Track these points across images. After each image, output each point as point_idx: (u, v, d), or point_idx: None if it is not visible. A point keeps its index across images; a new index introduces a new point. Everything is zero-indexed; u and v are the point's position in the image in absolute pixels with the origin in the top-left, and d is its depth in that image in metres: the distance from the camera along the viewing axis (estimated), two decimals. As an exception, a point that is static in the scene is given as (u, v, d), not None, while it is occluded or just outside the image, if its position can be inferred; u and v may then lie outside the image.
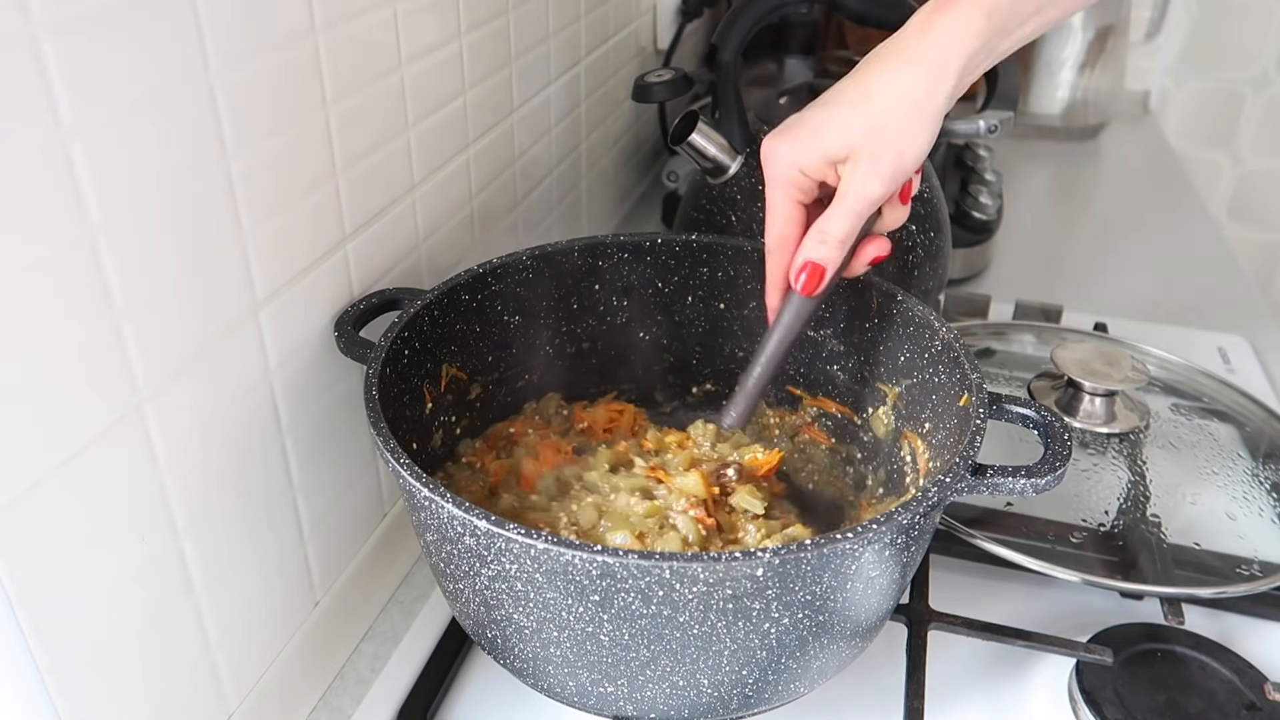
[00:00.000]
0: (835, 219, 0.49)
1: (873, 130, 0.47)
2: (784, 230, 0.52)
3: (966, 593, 0.61)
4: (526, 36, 0.73)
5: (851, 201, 0.48)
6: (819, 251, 0.50)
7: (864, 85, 0.48)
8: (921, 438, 0.54)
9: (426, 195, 0.60)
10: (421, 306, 0.53)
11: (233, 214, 0.43)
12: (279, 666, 0.51)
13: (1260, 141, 1.72)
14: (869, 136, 0.47)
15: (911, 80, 0.47)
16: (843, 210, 0.49)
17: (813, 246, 0.50)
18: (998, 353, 0.81)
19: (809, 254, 0.50)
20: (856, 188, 0.48)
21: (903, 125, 0.47)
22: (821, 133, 0.49)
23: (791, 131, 0.50)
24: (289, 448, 0.50)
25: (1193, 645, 0.55)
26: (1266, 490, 0.64)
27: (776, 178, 0.51)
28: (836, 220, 0.49)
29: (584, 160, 0.93)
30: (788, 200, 0.51)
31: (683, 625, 0.40)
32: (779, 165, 0.51)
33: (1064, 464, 0.45)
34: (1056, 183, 1.36)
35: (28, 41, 0.31)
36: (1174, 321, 0.94)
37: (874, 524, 0.39)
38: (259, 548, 0.48)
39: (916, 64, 0.47)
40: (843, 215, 0.49)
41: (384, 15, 0.52)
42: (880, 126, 0.47)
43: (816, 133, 0.49)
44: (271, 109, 0.44)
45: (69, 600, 0.36)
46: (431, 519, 0.42)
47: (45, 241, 0.33)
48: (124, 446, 0.38)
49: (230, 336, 0.44)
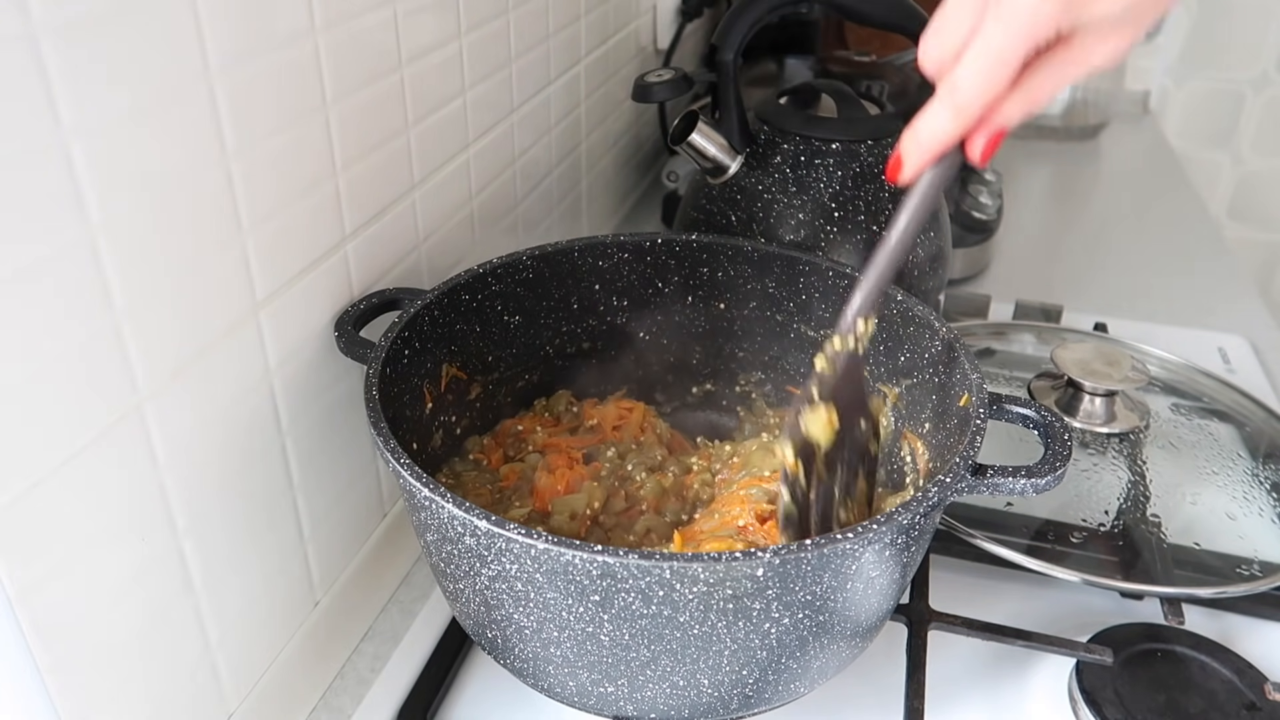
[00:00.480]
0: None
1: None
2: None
3: (966, 593, 0.61)
4: (526, 36, 0.73)
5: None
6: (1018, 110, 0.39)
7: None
8: (921, 438, 0.54)
9: (426, 195, 0.60)
10: (421, 306, 0.53)
11: (233, 214, 0.43)
12: (279, 666, 0.51)
13: (1260, 141, 1.72)
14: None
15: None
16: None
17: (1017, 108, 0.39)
18: (998, 353, 0.81)
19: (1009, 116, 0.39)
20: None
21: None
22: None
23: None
24: (289, 448, 0.50)
25: (1193, 645, 0.55)
26: (1266, 490, 0.64)
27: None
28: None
29: (584, 160, 0.93)
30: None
31: (683, 625, 0.40)
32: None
33: (1064, 464, 0.45)
34: (1056, 183, 1.36)
35: (28, 41, 0.31)
36: (1174, 321, 0.94)
37: (874, 524, 0.39)
38: (259, 548, 0.48)
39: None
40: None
41: (384, 15, 0.52)
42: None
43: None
44: (271, 109, 0.44)
45: (69, 600, 0.36)
46: (431, 519, 0.42)
47: (45, 241, 0.33)
48: (124, 446, 0.38)
49: (230, 336, 0.44)
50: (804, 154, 0.70)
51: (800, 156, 0.70)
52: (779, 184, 0.70)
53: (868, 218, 0.69)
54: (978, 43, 0.37)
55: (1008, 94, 0.38)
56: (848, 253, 0.69)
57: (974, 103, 0.38)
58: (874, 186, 0.69)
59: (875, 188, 0.69)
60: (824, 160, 0.69)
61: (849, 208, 0.69)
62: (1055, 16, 0.36)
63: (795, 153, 0.70)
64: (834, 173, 0.69)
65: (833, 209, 0.69)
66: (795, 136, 0.70)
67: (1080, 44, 0.37)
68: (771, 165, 0.70)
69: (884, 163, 0.70)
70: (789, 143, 0.70)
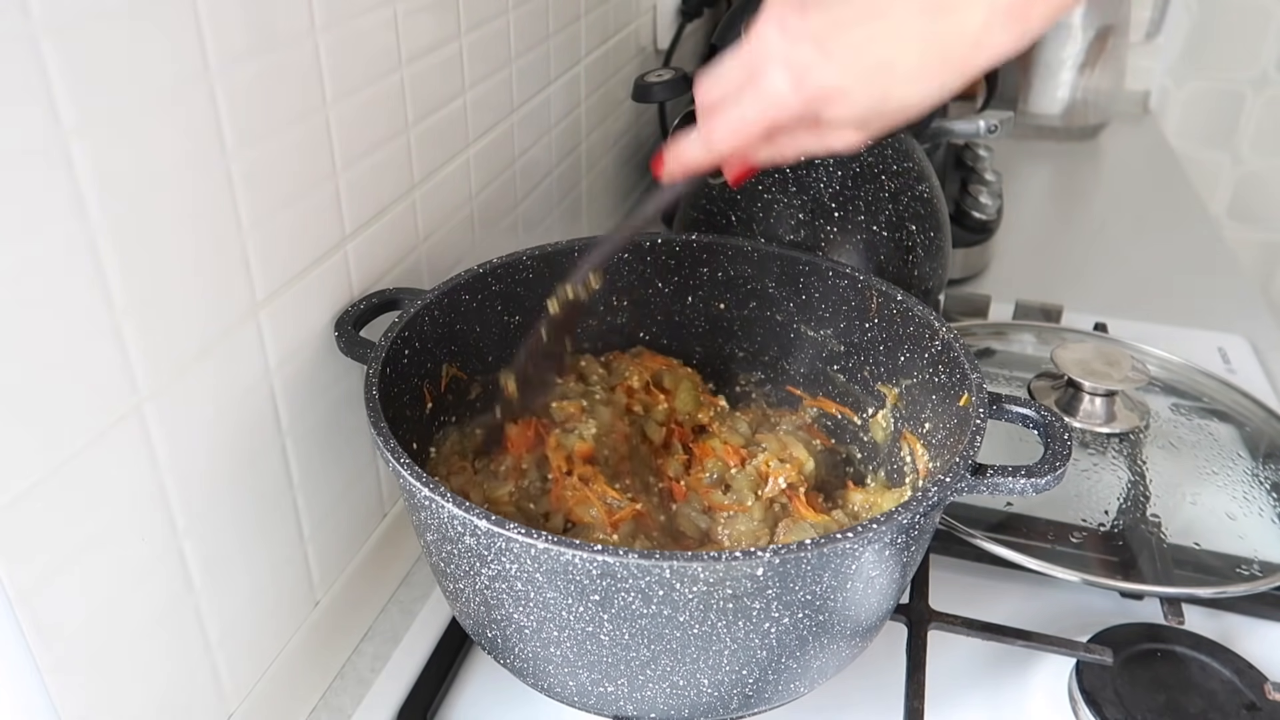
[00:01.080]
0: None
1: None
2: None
3: (966, 593, 0.61)
4: (526, 36, 0.73)
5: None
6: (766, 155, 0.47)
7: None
8: (921, 439, 0.54)
9: (426, 195, 0.60)
10: (421, 306, 0.53)
11: (233, 214, 0.43)
12: (279, 666, 0.51)
13: (1260, 141, 1.72)
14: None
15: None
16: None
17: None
18: (998, 353, 0.81)
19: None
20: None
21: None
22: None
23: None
24: (289, 448, 0.50)
25: (1193, 645, 0.55)
26: (1266, 490, 0.64)
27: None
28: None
29: (584, 160, 0.93)
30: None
31: (683, 625, 0.40)
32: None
33: (1064, 464, 0.45)
34: (1056, 183, 1.36)
35: (28, 41, 0.31)
36: (1174, 321, 0.94)
37: (874, 524, 0.39)
38: (259, 548, 0.48)
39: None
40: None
41: (384, 15, 0.52)
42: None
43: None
44: (271, 109, 0.44)
45: (69, 600, 0.36)
46: (431, 519, 0.42)
47: (45, 241, 0.33)
48: (124, 446, 0.38)
49: (230, 336, 0.44)
50: (804, 154, 0.70)
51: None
52: (779, 184, 0.70)
53: (868, 218, 0.69)
54: (733, 108, 0.44)
55: (756, 145, 0.45)
56: (848, 253, 0.69)
57: (722, 147, 0.46)
58: (874, 186, 0.69)
59: (875, 188, 0.69)
60: (824, 160, 0.69)
61: (849, 208, 0.69)
62: (796, 109, 0.42)
63: (795, 153, 0.70)
64: (834, 173, 0.69)
65: (833, 209, 0.69)
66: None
67: (822, 129, 0.44)
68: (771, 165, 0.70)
69: (884, 163, 0.70)
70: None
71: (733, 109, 0.44)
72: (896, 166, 0.71)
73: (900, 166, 0.71)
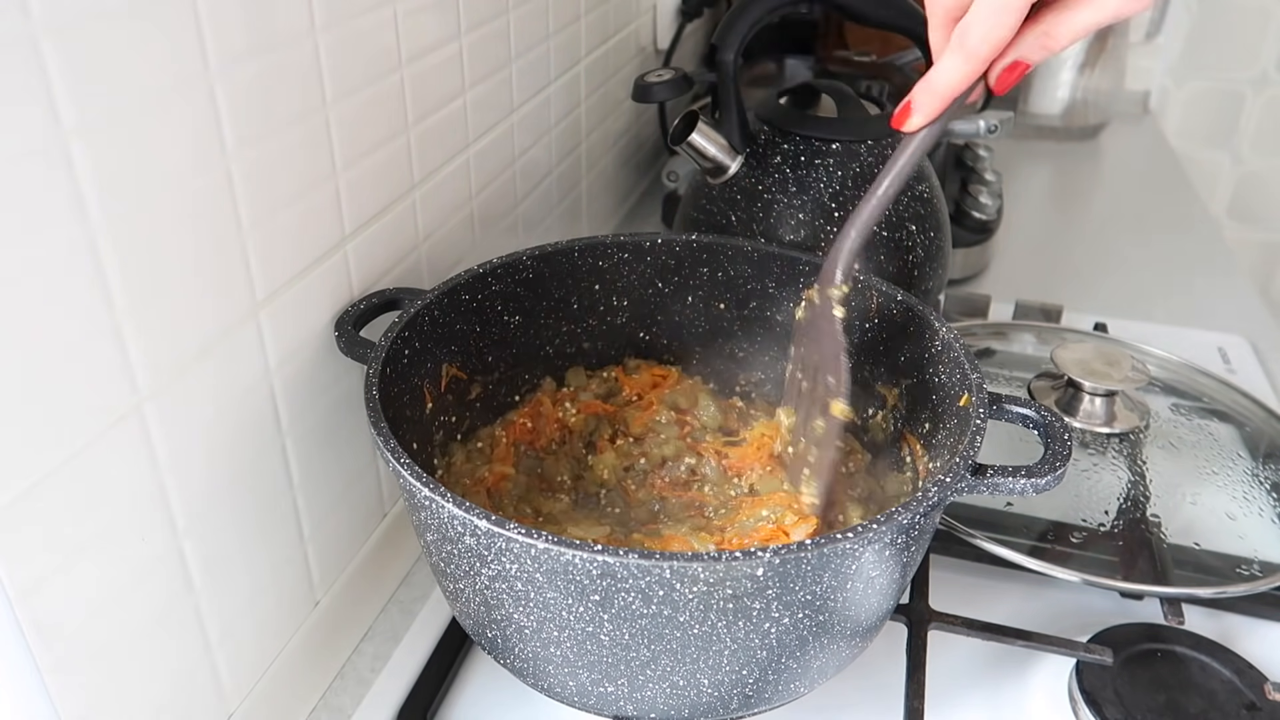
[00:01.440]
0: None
1: None
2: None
3: (966, 593, 0.61)
4: (526, 36, 0.73)
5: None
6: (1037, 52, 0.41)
7: None
8: (921, 439, 0.54)
9: (426, 195, 0.60)
10: (421, 306, 0.53)
11: (233, 214, 0.43)
12: (279, 666, 0.51)
13: (1260, 141, 1.72)
14: None
15: None
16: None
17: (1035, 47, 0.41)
18: (998, 353, 0.81)
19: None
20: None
21: None
22: None
23: None
24: (289, 448, 0.50)
25: (1193, 645, 0.55)
26: (1266, 490, 0.64)
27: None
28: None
29: (584, 160, 0.93)
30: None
31: (683, 625, 0.40)
32: None
33: (1064, 464, 0.45)
34: (1056, 183, 1.36)
35: (28, 41, 0.31)
36: (1174, 321, 0.94)
37: (874, 524, 0.39)
38: (259, 548, 0.48)
39: None
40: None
41: (384, 15, 0.52)
42: None
43: None
44: (271, 109, 0.44)
45: (69, 600, 0.36)
46: (431, 519, 0.42)
47: (45, 242, 0.33)
48: (124, 446, 0.38)
49: (230, 336, 0.44)
50: (804, 154, 0.70)
51: (800, 156, 0.70)
52: (779, 184, 0.70)
53: (868, 218, 0.69)
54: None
55: (1023, 33, 0.39)
56: (848, 253, 0.69)
57: (984, 47, 0.39)
58: (874, 186, 0.69)
59: (875, 188, 0.69)
60: (824, 160, 0.69)
61: (849, 208, 0.69)
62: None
63: (795, 153, 0.70)
64: (834, 173, 0.69)
65: (833, 209, 0.69)
66: (795, 136, 0.70)
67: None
68: (771, 165, 0.70)
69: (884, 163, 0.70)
70: (789, 143, 0.70)
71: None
72: (896, 166, 0.70)
73: (900, 166, 0.71)
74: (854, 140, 0.69)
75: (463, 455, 0.57)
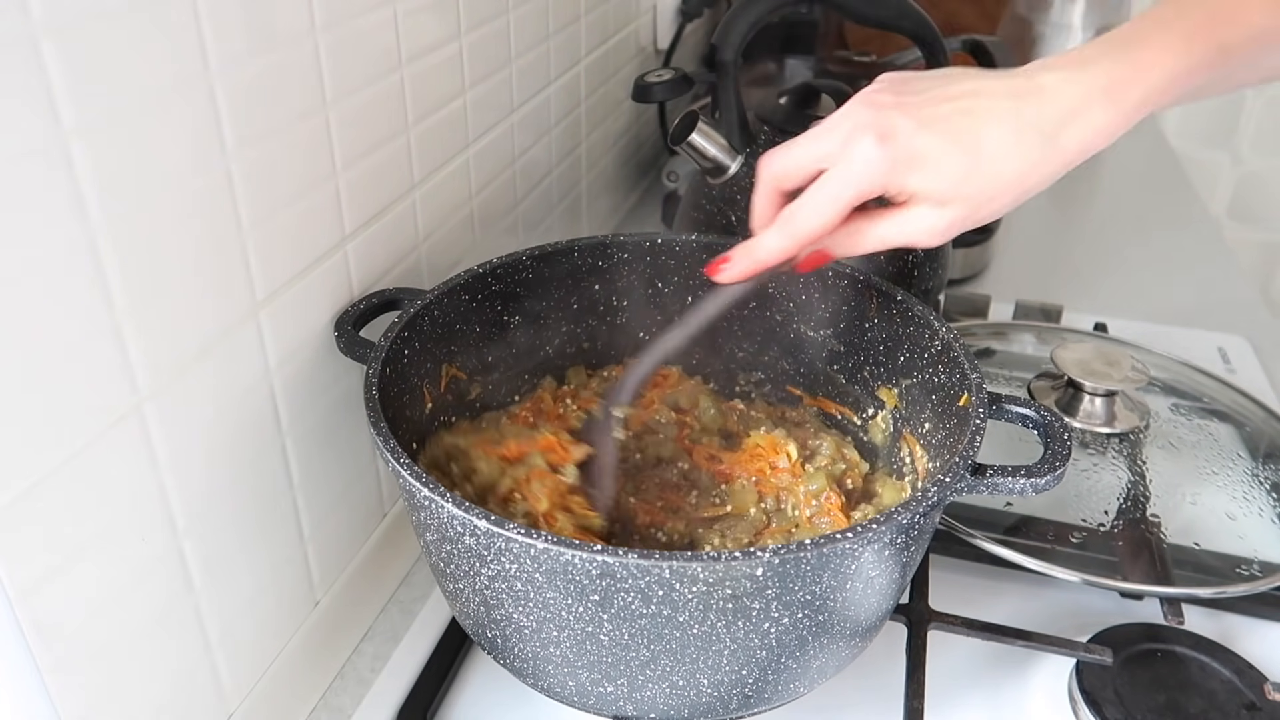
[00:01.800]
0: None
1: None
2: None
3: (966, 593, 0.61)
4: (526, 36, 0.73)
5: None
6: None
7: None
8: (920, 439, 0.54)
9: (426, 195, 0.60)
10: (421, 306, 0.53)
11: (233, 214, 0.43)
12: (279, 666, 0.51)
13: (1260, 141, 1.72)
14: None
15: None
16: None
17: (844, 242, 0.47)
18: (998, 353, 0.81)
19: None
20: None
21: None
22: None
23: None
24: (289, 448, 0.50)
25: (1193, 645, 0.55)
26: (1266, 490, 0.64)
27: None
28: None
29: (584, 160, 0.93)
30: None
31: (683, 625, 0.40)
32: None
33: (1064, 464, 0.45)
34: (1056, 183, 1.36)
35: (28, 41, 0.31)
36: (1174, 321, 0.94)
37: (874, 524, 0.39)
38: (259, 548, 0.48)
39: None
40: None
41: (384, 15, 0.52)
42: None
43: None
44: (271, 109, 0.44)
45: (69, 600, 0.36)
46: (431, 519, 0.42)
47: (45, 242, 0.33)
48: (124, 446, 0.38)
49: (230, 336, 0.44)
50: (804, 154, 0.69)
51: (800, 156, 0.69)
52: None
53: (868, 218, 0.69)
54: (819, 186, 0.44)
55: (837, 230, 0.45)
56: (848, 253, 0.69)
57: (805, 232, 0.45)
58: (874, 186, 0.69)
59: (875, 188, 0.69)
60: (824, 160, 0.69)
61: (849, 208, 0.68)
62: (883, 173, 0.42)
63: (795, 153, 0.70)
64: (834, 173, 0.69)
65: (833, 209, 0.69)
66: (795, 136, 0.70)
67: (904, 211, 0.44)
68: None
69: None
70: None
71: (817, 189, 0.44)
72: (896, 166, 0.70)
73: (900, 166, 0.71)
74: (854, 140, 0.69)
75: None
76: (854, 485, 0.57)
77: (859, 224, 0.45)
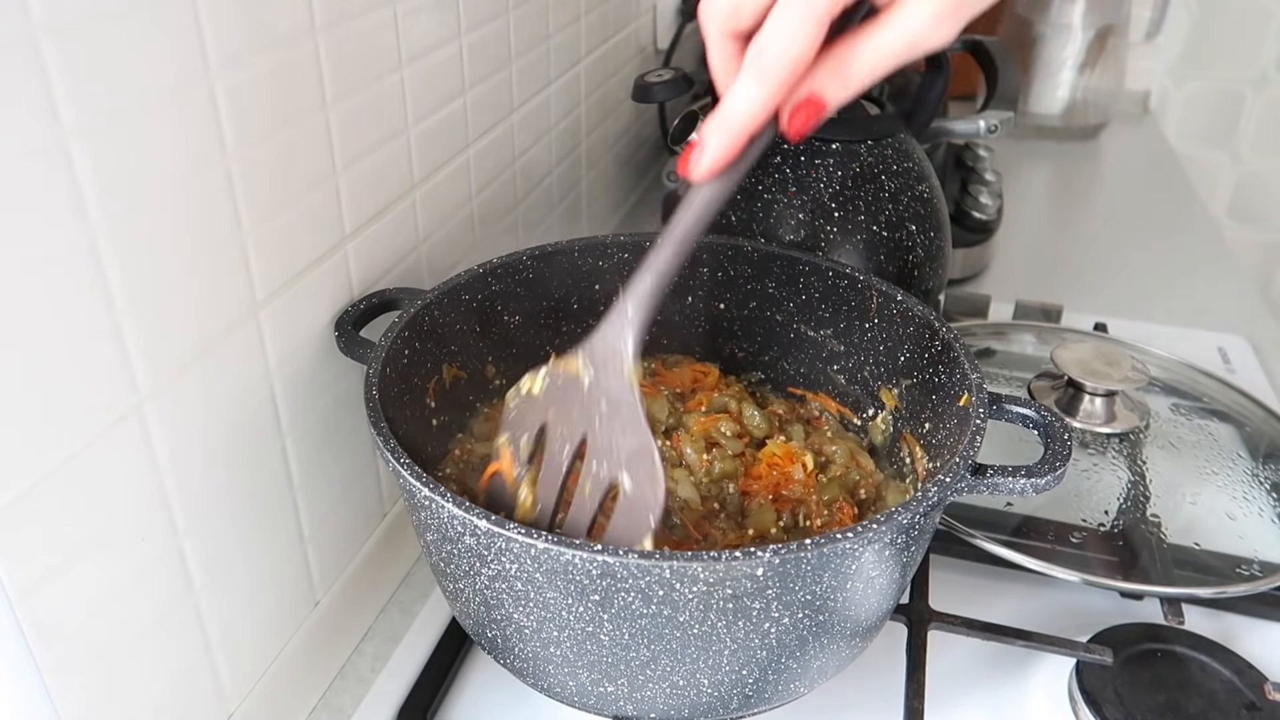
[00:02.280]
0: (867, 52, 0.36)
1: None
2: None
3: (966, 593, 0.61)
4: (526, 36, 0.73)
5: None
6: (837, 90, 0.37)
7: None
8: (920, 439, 0.54)
9: (426, 195, 0.60)
10: (421, 306, 0.53)
11: (233, 214, 0.43)
12: (279, 666, 0.51)
13: (1260, 141, 1.72)
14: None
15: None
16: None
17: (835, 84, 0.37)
18: (998, 353, 0.81)
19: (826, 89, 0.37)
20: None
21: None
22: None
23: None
24: (289, 448, 0.50)
25: (1193, 645, 0.55)
26: (1266, 490, 0.64)
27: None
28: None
29: (584, 160, 0.93)
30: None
31: (683, 625, 0.40)
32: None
33: (1064, 464, 0.45)
34: (1056, 183, 1.36)
35: (28, 41, 0.31)
36: (1174, 321, 0.94)
37: (874, 524, 0.39)
38: (259, 548, 0.48)
39: None
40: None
41: (384, 15, 0.52)
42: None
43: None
44: (271, 109, 0.44)
45: (69, 600, 0.36)
46: (431, 519, 0.42)
47: (45, 242, 0.33)
48: (124, 447, 0.38)
49: (230, 336, 0.44)
50: (804, 154, 0.70)
51: (800, 156, 0.70)
52: (779, 184, 0.69)
53: (868, 218, 0.69)
54: (784, 4, 0.35)
55: (818, 63, 0.36)
56: (848, 253, 0.69)
57: (783, 64, 0.35)
58: (874, 186, 0.69)
59: (875, 188, 0.69)
60: (824, 160, 0.69)
61: (849, 208, 0.69)
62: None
63: (795, 153, 0.70)
64: (834, 173, 0.69)
65: (833, 209, 0.69)
66: (795, 136, 0.70)
67: (894, 10, 0.35)
68: (771, 165, 0.70)
69: (884, 163, 0.70)
70: (789, 143, 0.70)
71: (783, 8, 0.35)
72: (896, 166, 0.71)
73: (900, 166, 0.71)
74: (854, 140, 0.69)
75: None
76: (867, 495, 0.54)
77: (846, 46, 0.36)
